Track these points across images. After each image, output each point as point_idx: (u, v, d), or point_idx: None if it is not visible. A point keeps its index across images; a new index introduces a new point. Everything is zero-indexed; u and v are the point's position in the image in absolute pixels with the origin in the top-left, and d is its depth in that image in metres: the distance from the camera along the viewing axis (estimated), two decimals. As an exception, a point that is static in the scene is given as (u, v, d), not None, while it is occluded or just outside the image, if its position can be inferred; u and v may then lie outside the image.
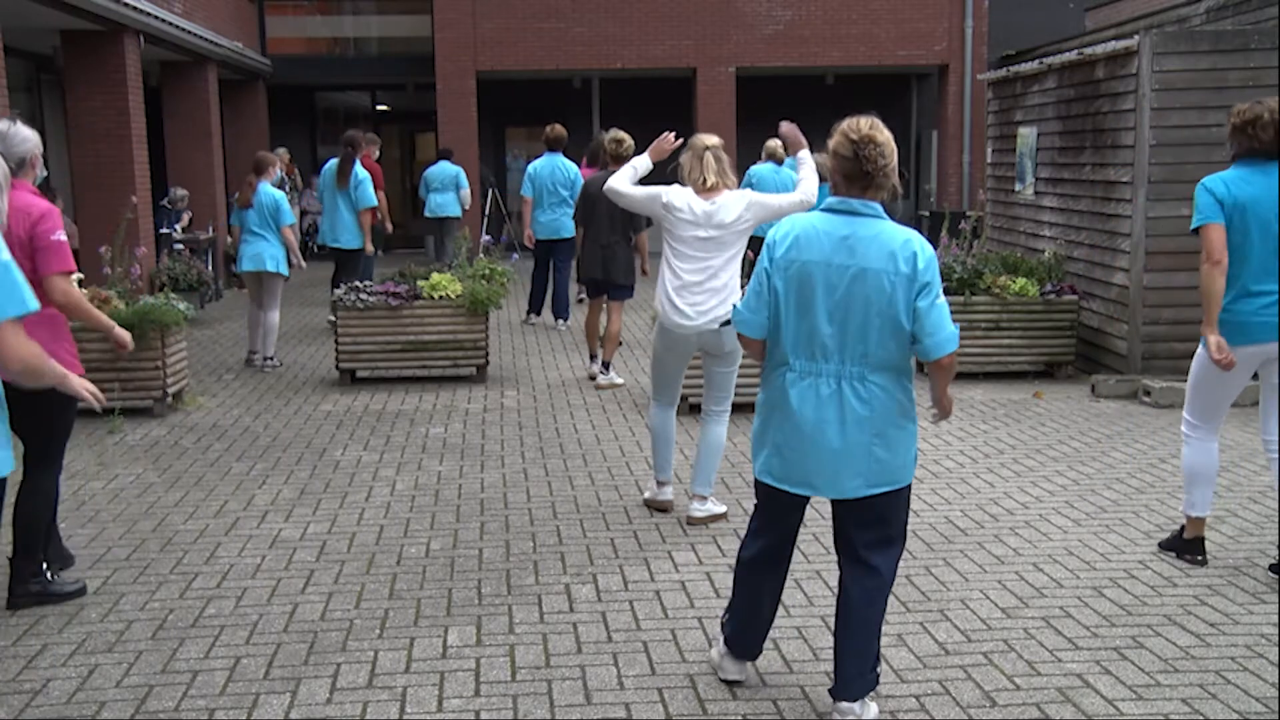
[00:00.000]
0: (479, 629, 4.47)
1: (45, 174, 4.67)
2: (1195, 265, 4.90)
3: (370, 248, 11.16)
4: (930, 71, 20.11)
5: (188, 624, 4.55)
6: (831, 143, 3.60)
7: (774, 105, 20.61)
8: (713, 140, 5.70)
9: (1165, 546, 5.27)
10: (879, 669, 3.70)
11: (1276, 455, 4.98)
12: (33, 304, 3.35)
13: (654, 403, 5.96)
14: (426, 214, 15.36)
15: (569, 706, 3.84)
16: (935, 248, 9.82)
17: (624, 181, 5.84)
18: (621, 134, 8.92)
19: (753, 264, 4.28)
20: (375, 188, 11.29)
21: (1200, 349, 4.97)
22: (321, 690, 3.98)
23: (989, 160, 11.84)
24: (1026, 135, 10.55)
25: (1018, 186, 10.80)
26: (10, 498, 4.63)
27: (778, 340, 3.65)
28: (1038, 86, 10.42)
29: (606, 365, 9.18)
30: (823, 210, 3.64)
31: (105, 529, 5.70)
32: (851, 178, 3.54)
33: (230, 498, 6.23)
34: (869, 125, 3.54)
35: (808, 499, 3.76)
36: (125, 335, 4.96)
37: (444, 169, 15.43)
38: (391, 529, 5.69)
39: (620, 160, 8.79)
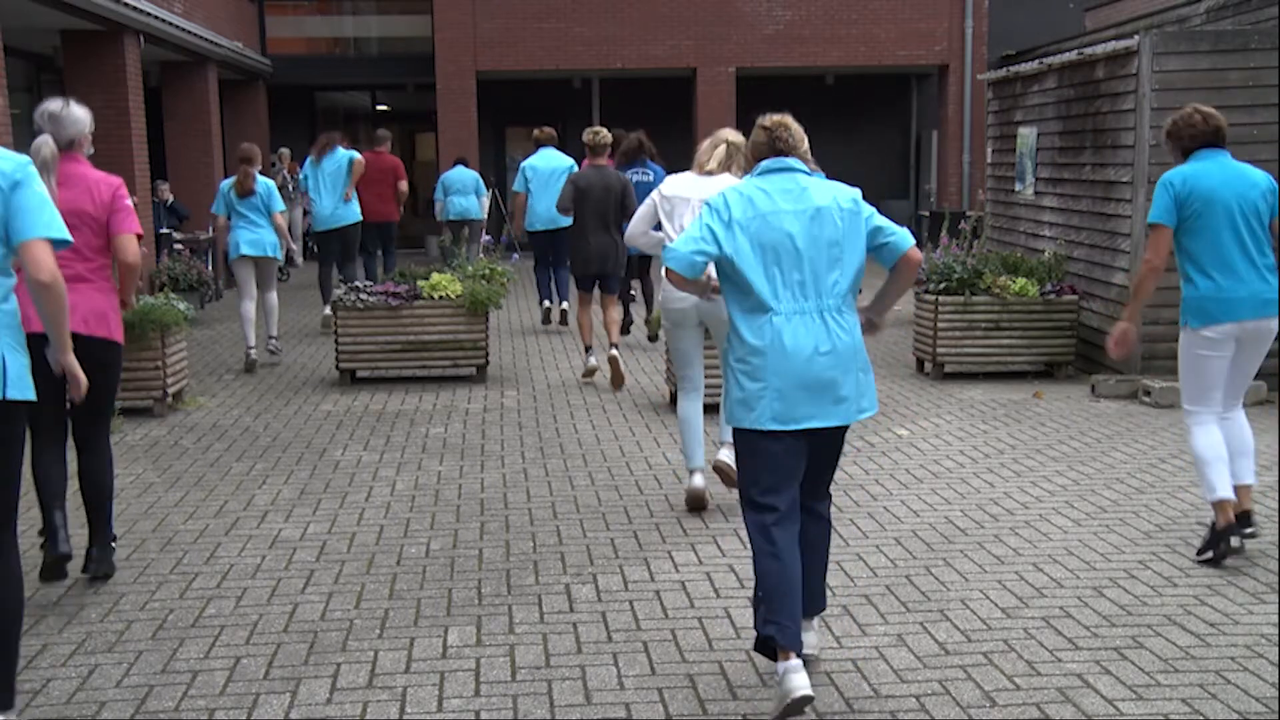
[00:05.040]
0: (479, 629, 4.47)
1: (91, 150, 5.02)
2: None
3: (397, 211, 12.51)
4: (930, 71, 20.11)
5: (188, 624, 4.55)
6: (750, 139, 4.04)
7: (774, 105, 20.55)
8: (735, 137, 5.83)
9: (1201, 550, 5.09)
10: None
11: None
12: (67, 236, 3.58)
13: (680, 392, 6.03)
14: (451, 216, 15.55)
15: (569, 706, 3.84)
16: (935, 248, 9.92)
17: (636, 233, 6.09)
18: (599, 128, 9.28)
19: None
20: (398, 179, 12.45)
21: (1181, 339, 5.18)
22: (321, 690, 3.98)
23: (989, 160, 11.83)
24: (1026, 135, 10.54)
25: (1018, 186, 10.80)
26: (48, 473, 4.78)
27: (750, 294, 3.79)
28: (1038, 86, 10.41)
29: (615, 346, 9.18)
30: (757, 175, 3.92)
31: (105, 529, 5.70)
32: (767, 157, 3.91)
33: (230, 498, 6.23)
34: (780, 116, 3.96)
35: (805, 445, 3.80)
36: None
37: (462, 174, 15.74)
38: (391, 529, 5.69)
39: (597, 152, 9.15)
